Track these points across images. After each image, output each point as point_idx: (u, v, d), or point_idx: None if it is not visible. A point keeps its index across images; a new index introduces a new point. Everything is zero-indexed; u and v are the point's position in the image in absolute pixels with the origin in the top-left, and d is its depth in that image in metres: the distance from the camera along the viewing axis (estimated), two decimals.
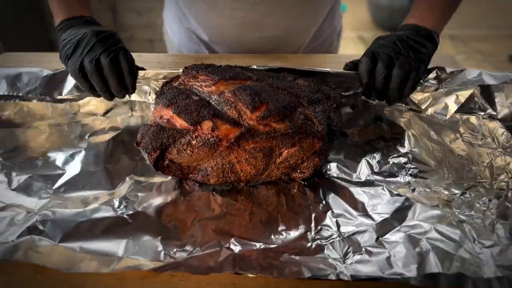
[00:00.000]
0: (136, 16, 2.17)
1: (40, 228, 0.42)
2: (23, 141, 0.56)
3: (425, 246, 0.40)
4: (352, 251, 0.40)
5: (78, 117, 0.61)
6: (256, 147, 0.45)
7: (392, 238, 0.42)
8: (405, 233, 0.42)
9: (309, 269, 0.38)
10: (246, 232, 0.42)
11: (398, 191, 0.48)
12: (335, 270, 0.38)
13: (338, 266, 0.38)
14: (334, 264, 0.39)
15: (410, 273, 0.38)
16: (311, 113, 0.48)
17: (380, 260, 0.39)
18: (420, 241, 0.41)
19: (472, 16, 3.08)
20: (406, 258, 0.39)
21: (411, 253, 0.40)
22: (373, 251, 0.40)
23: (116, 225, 0.43)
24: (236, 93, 0.47)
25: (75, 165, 0.52)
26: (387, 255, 0.40)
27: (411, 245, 0.41)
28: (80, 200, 0.46)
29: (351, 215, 0.45)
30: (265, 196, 0.48)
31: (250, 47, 0.76)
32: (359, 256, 0.40)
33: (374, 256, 0.40)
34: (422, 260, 0.39)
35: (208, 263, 0.39)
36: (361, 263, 0.39)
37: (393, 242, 0.41)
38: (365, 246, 0.41)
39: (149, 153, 0.46)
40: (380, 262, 0.39)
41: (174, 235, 0.42)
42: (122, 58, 0.52)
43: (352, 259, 0.39)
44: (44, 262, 0.38)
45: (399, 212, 0.45)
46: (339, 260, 0.39)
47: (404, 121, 0.60)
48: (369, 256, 0.40)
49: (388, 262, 0.39)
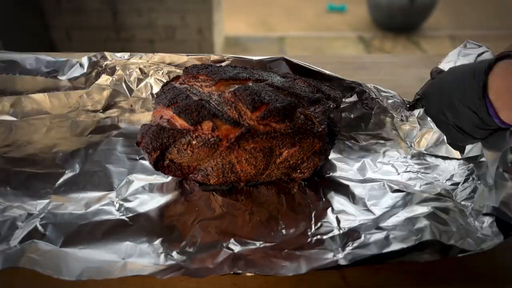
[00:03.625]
0: (136, 16, 2.17)
1: (42, 232, 0.42)
2: (21, 135, 0.56)
3: (423, 223, 0.41)
4: (351, 240, 0.40)
5: (78, 115, 0.60)
6: (256, 147, 0.45)
7: (391, 223, 0.42)
8: (405, 217, 0.42)
9: (308, 262, 0.38)
10: (246, 232, 0.43)
11: (399, 187, 0.48)
12: (334, 257, 0.38)
13: (337, 256, 0.38)
14: (333, 253, 0.39)
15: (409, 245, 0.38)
16: (311, 114, 0.48)
17: (379, 240, 0.39)
18: (418, 219, 0.41)
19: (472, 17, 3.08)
20: (405, 235, 0.39)
21: (410, 229, 0.40)
22: (372, 235, 0.40)
23: (117, 227, 0.43)
24: (236, 93, 0.47)
25: (75, 164, 0.52)
26: (385, 235, 0.40)
27: (410, 224, 0.41)
28: (80, 201, 0.46)
29: (352, 211, 0.45)
30: (265, 195, 0.48)
31: None
32: (357, 242, 0.40)
33: (373, 239, 0.40)
34: (421, 235, 0.39)
35: (208, 265, 0.38)
36: (360, 248, 0.39)
37: (392, 226, 0.41)
38: (365, 233, 0.41)
39: (149, 153, 0.46)
40: (378, 242, 0.39)
41: (175, 237, 0.42)
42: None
43: (351, 246, 0.39)
44: (47, 269, 0.37)
45: (400, 206, 0.45)
46: (338, 249, 0.39)
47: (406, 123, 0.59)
48: (367, 240, 0.40)
49: (387, 241, 0.39)
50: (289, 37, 2.91)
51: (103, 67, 0.62)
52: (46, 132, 0.57)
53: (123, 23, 2.17)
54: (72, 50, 2.15)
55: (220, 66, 0.54)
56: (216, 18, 2.30)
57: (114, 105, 0.62)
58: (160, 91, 0.52)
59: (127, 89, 0.63)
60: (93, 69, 0.62)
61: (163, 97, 0.49)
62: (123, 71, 0.63)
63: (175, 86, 0.51)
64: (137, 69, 0.63)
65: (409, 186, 0.48)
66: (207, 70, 0.52)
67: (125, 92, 0.63)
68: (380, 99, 0.60)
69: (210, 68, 0.52)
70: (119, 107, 0.62)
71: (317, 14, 3.32)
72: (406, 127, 0.57)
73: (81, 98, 0.61)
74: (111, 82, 0.62)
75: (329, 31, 3.05)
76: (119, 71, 0.62)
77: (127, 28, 2.20)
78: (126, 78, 0.63)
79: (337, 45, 2.82)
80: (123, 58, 0.62)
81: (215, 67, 0.53)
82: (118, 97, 0.62)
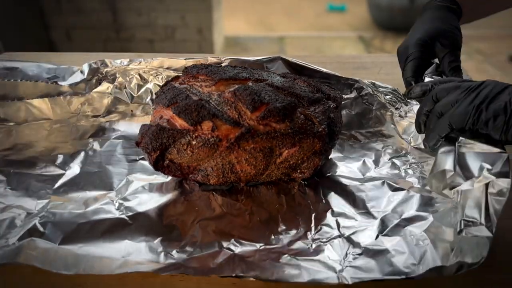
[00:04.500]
0: (136, 16, 2.17)
1: (41, 230, 0.42)
2: (22, 139, 0.56)
3: (424, 240, 0.40)
4: (351, 252, 0.40)
5: (78, 118, 0.61)
6: (256, 147, 0.45)
7: (391, 235, 0.42)
8: (405, 227, 0.42)
9: (309, 272, 0.38)
10: (246, 233, 0.42)
11: (399, 185, 0.48)
12: (335, 273, 0.38)
13: (338, 269, 0.38)
14: (333, 266, 0.38)
15: (411, 271, 0.37)
16: (311, 113, 0.48)
17: (380, 259, 0.39)
18: (419, 235, 0.41)
19: None
20: (406, 255, 0.39)
21: (411, 249, 0.39)
22: (373, 250, 0.40)
23: (117, 226, 0.43)
24: (236, 93, 0.47)
25: (75, 166, 0.52)
26: (387, 254, 0.39)
27: (411, 239, 0.40)
28: (80, 201, 0.46)
29: (351, 213, 0.45)
30: (265, 195, 0.48)
31: None
32: (358, 256, 0.39)
33: (374, 255, 0.39)
34: (422, 256, 0.38)
35: (208, 264, 0.38)
36: (360, 264, 0.39)
37: (392, 239, 0.41)
38: (365, 245, 0.41)
39: (149, 153, 0.46)
40: (379, 262, 0.39)
41: (175, 236, 0.42)
42: None
43: (351, 260, 0.39)
44: (45, 264, 0.37)
45: (399, 205, 0.45)
46: (339, 261, 0.39)
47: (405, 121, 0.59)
48: (368, 256, 0.39)
49: (388, 262, 0.39)
50: (289, 36, 2.91)
51: (103, 73, 0.63)
52: (47, 136, 0.57)
53: (123, 23, 2.17)
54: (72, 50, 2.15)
55: (219, 66, 0.54)
56: (215, 17, 2.30)
57: (115, 111, 0.63)
58: (159, 91, 0.52)
59: (127, 96, 0.64)
60: (93, 76, 0.63)
61: (162, 97, 0.49)
62: (123, 78, 0.63)
63: (174, 86, 0.51)
64: (137, 75, 0.64)
65: (409, 184, 0.48)
66: (206, 70, 0.52)
67: (126, 99, 0.64)
68: (378, 95, 0.61)
69: (210, 68, 0.52)
70: (120, 112, 0.62)
71: (317, 14, 3.32)
72: (405, 122, 0.58)
73: (82, 105, 0.62)
74: (112, 90, 0.63)
75: (329, 31, 3.05)
76: (119, 79, 0.63)
77: (127, 28, 2.20)
78: (127, 85, 0.64)
79: (337, 45, 2.82)
80: (122, 64, 0.63)
81: (214, 67, 0.53)
82: (119, 104, 0.63)
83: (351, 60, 0.82)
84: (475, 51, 2.66)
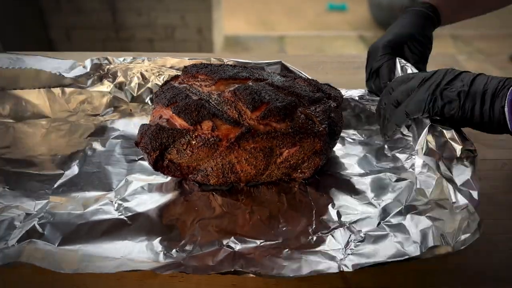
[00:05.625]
0: (136, 16, 2.17)
1: (40, 231, 0.41)
2: (20, 137, 0.56)
3: (426, 224, 0.40)
4: (353, 239, 0.40)
5: (77, 119, 0.60)
6: (256, 147, 0.45)
7: (394, 221, 0.42)
8: (407, 213, 0.42)
9: (309, 264, 0.37)
10: (247, 231, 0.42)
11: (401, 176, 0.48)
12: (336, 262, 0.37)
13: (339, 258, 0.38)
14: (334, 256, 0.38)
15: (413, 253, 0.37)
16: (311, 113, 0.48)
17: (382, 244, 0.39)
18: (421, 219, 0.40)
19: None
20: (408, 238, 0.39)
21: (413, 232, 0.39)
22: (375, 236, 0.40)
23: (116, 227, 0.42)
24: (236, 92, 0.47)
25: (73, 166, 0.51)
26: (388, 238, 0.39)
27: (413, 224, 0.40)
28: (79, 202, 0.46)
29: (353, 204, 0.45)
30: (266, 195, 0.47)
31: None
32: (360, 244, 0.39)
33: (376, 241, 0.39)
34: (424, 238, 0.38)
35: (208, 262, 0.38)
36: (362, 250, 0.38)
37: (395, 225, 0.41)
38: (367, 232, 0.40)
39: (149, 153, 0.45)
40: (381, 246, 0.39)
41: (174, 236, 0.42)
42: None
43: (353, 248, 0.39)
44: (44, 265, 0.37)
45: (401, 194, 0.45)
46: (340, 250, 0.39)
47: None
48: (370, 242, 0.39)
49: (390, 245, 0.38)
50: (289, 36, 2.90)
51: (105, 71, 0.63)
52: (45, 135, 0.57)
53: (122, 22, 2.17)
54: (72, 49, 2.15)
55: (219, 66, 0.54)
56: (215, 17, 2.30)
57: (114, 110, 0.62)
58: (159, 90, 0.51)
59: (127, 95, 0.63)
60: (95, 71, 0.62)
61: (162, 97, 0.49)
62: (124, 77, 0.63)
63: (174, 85, 0.51)
64: (138, 74, 0.63)
65: (411, 174, 0.47)
66: (206, 69, 0.52)
67: (125, 98, 0.63)
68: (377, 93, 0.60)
69: (210, 68, 0.52)
70: (119, 111, 0.62)
71: (318, 13, 3.32)
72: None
73: (81, 103, 0.62)
74: (112, 89, 0.63)
75: (330, 30, 3.05)
76: (120, 78, 0.63)
77: (126, 28, 2.19)
78: (127, 84, 0.63)
79: (337, 44, 2.82)
80: (125, 62, 0.63)
81: (214, 66, 0.53)
82: (118, 103, 0.63)
83: (351, 60, 0.82)
84: (476, 51, 2.66)
